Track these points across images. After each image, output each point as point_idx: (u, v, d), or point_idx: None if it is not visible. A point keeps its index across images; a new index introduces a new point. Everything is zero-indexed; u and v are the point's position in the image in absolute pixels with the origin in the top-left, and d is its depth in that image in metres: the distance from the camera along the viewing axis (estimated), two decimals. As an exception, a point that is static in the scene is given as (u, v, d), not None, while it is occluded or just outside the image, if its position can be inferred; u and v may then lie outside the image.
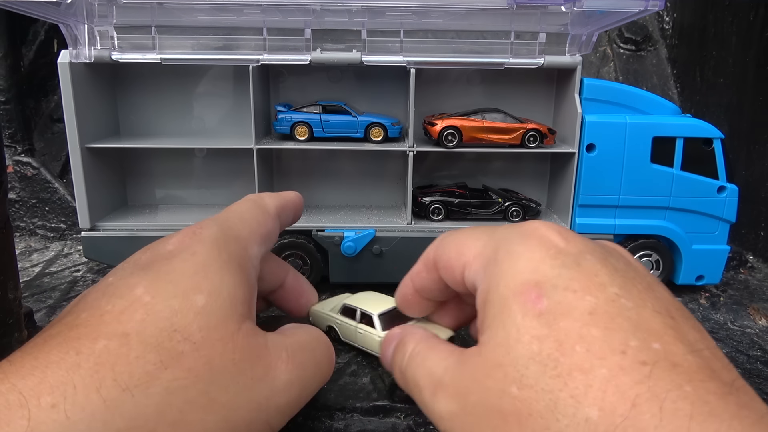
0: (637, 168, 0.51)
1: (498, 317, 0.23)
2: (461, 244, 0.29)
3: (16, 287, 0.32)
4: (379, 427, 0.33)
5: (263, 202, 0.35)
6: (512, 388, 0.21)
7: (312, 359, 0.30)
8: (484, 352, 0.23)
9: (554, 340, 0.21)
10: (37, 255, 0.63)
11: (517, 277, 0.23)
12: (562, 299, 0.22)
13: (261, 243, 0.32)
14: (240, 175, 0.59)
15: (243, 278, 0.28)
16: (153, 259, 0.27)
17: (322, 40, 0.54)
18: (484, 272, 0.26)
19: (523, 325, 0.22)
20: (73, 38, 0.48)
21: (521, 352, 0.21)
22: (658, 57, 0.83)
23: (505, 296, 0.23)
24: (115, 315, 0.23)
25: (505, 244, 0.26)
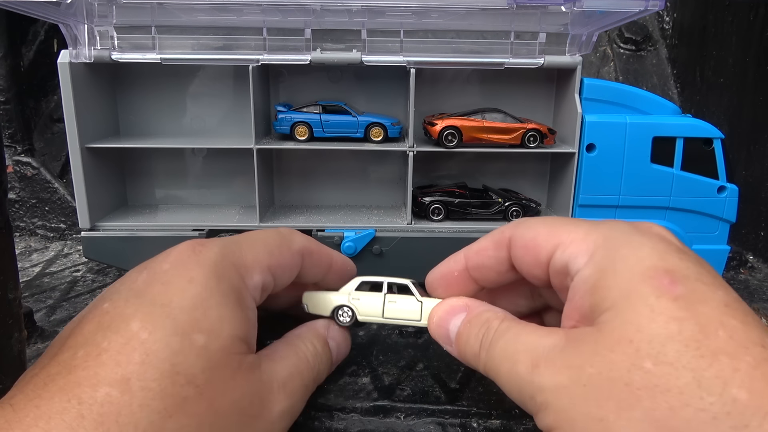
0: (637, 168, 0.51)
1: (623, 299, 0.23)
2: (554, 226, 0.29)
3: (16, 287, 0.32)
4: (379, 427, 0.33)
5: (288, 236, 0.34)
6: (646, 362, 0.21)
7: (300, 384, 0.30)
8: (607, 329, 0.23)
9: (695, 323, 0.21)
10: (37, 255, 0.63)
11: (643, 262, 0.24)
12: (697, 288, 0.23)
13: (266, 273, 0.31)
14: (240, 175, 0.59)
15: (242, 312, 0.28)
16: (149, 281, 0.26)
17: (322, 40, 0.54)
18: (592, 256, 0.26)
19: (657, 305, 0.22)
20: (73, 38, 0.48)
21: (657, 331, 0.22)
22: (658, 57, 0.83)
23: (630, 279, 0.24)
24: (112, 355, 0.23)
25: (619, 233, 0.26)
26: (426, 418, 0.34)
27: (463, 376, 0.38)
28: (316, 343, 0.33)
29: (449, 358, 0.40)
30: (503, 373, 0.27)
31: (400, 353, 0.41)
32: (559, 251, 0.28)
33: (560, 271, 0.28)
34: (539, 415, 0.25)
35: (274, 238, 0.33)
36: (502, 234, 0.31)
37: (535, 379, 0.25)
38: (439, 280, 0.34)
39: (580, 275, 0.26)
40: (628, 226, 0.27)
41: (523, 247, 0.30)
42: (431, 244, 0.53)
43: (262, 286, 0.30)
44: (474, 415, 0.34)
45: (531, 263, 0.29)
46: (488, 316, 0.30)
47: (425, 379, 0.38)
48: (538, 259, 0.29)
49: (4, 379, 0.30)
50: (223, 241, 0.30)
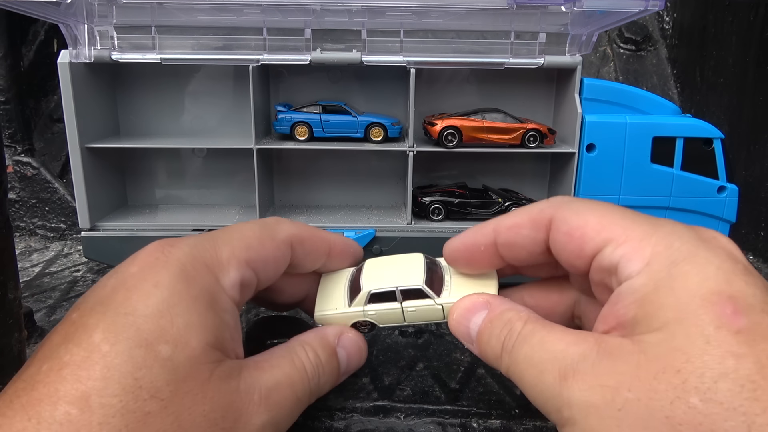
0: (637, 168, 0.51)
1: (676, 322, 0.22)
2: (607, 216, 0.26)
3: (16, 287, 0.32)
4: (379, 427, 0.33)
5: (272, 226, 0.32)
6: (692, 398, 0.20)
7: (290, 396, 0.27)
8: (652, 352, 0.21)
9: (754, 362, 0.20)
10: (37, 255, 0.63)
11: (706, 283, 0.22)
12: (762, 321, 0.21)
13: (244, 269, 0.28)
14: (240, 175, 0.59)
15: (214, 317, 0.26)
16: (115, 287, 0.25)
17: (322, 40, 0.54)
18: (649, 264, 0.24)
19: (715, 337, 0.20)
20: (73, 38, 0.48)
21: (710, 365, 0.20)
22: (658, 57, 0.83)
23: (688, 302, 0.22)
24: (73, 369, 0.22)
25: (683, 243, 0.24)
26: (426, 418, 0.34)
27: (463, 376, 0.38)
28: (321, 352, 0.30)
29: (449, 358, 0.40)
30: (528, 381, 0.25)
31: (400, 353, 0.41)
32: (609, 248, 0.25)
33: (606, 268, 0.26)
34: (564, 429, 0.23)
35: (254, 229, 0.31)
36: (542, 213, 0.28)
37: (564, 393, 0.23)
38: (462, 251, 0.31)
39: (632, 283, 0.24)
40: (694, 236, 0.24)
41: (567, 234, 0.27)
42: (431, 244, 0.53)
43: (240, 283, 0.28)
44: (474, 415, 0.34)
45: (573, 253, 0.27)
46: (510, 316, 0.27)
47: (425, 379, 0.38)
48: (583, 250, 0.26)
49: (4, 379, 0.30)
50: (196, 238, 0.28)
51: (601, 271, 0.26)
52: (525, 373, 0.25)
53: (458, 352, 0.41)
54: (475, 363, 0.40)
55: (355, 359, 0.32)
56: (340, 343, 0.31)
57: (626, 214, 0.26)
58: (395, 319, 0.33)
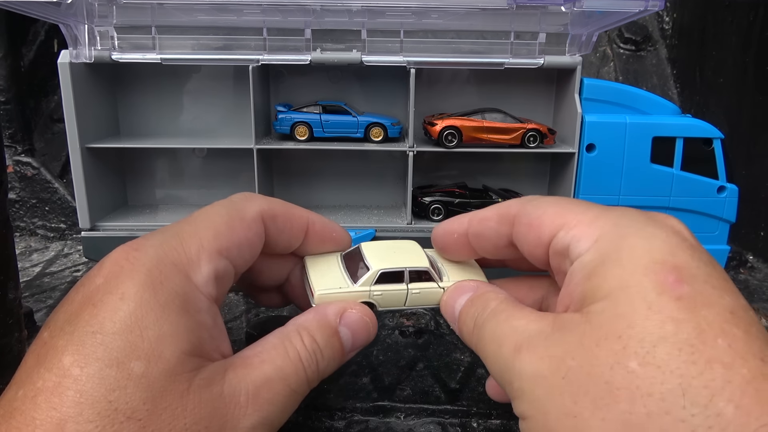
0: (637, 168, 0.51)
1: (620, 290, 0.22)
2: (563, 206, 0.28)
3: (16, 287, 0.32)
4: (379, 427, 0.33)
5: (240, 204, 0.30)
6: (631, 362, 0.20)
7: (283, 391, 0.26)
8: (596, 321, 0.22)
9: (694, 326, 0.20)
10: (37, 255, 0.63)
11: (651, 254, 0.23)
12: (703, 290, 0.21)
13: (217, 259, 0.27)
14: (240, 175, 0.59)
15: (189, 321, 0.25)
16: (82, 303, 0.24)
17: (322, 40, 0.54)
18: (597, 241, 0.25)
19: (657, 303, 0.21)
20: (73, 38, 0.48)
21: (650, 330, 0.20)
22: (658, 57, 0.83)
23: (633, 271, 0.22)
24: (46, 396, 0.21)
25: (631, 221, 0.25)
26: (426, 418, 0.34)
27: (463, 376, 0.38)
28: (318, 335, 0.28)
29: (449, 358, 0.40)
30: (489, 354, 0.26)
31: (400, 353, 0.41)
32: (562, 232, 0.26)
33: (560, 252, 0.27)
34: (515, 401, 0.24)
35: (221, 213, 0.29)
36: (509, 209, 0.30)
37: (516, 365, 0.24)
38: (441, 236, 0.34)
39: (581, 260, 0.25)
40: (642, 215, 0.25)
41: (527, 224, 0.28)
42: (431, 244, 0.53)
43: (214, 276, 0.27)
44: (474, 415, 0.34)
45: (532, 242, 0.28)
46: (489, 295, 0.29)
47: (425, 379, 0.38)
48: (540, 238, 0.28)
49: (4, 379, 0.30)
50: (162, 234, 0.27)
51: (557, 255, 0.27)
52: (487, 347, 0.26)
53: (458, 352, 0.41)
54: (475, 363, 0.40)
55: (361, 336, 0.30)
56: (343, 321, 0.30)
57: (581, 204, 0.27)
58: (397, 302, 0.33)
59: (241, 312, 0.48)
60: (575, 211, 0.27)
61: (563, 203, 0.28)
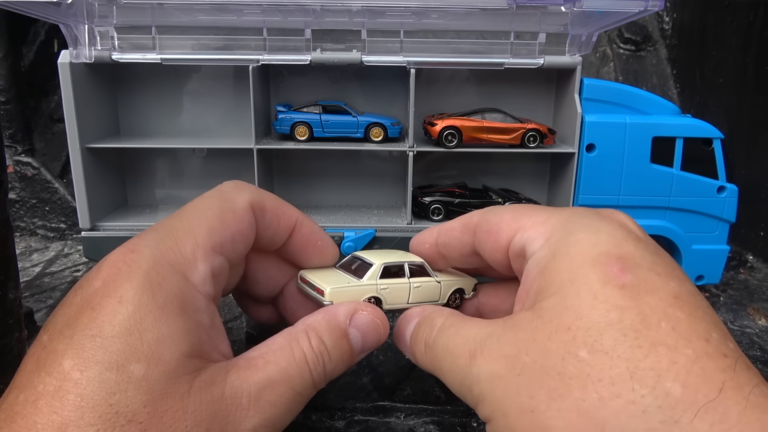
0: (637, 168, 0.51)
1: (569, 283, 0.23)
2: (519, 211, 0.29)
3: (17, 287, 0.32)
4: (379, 427, 0.33)
5: (230, 195, 0.30)
6: (581, 351, 0.21)
7: (287, 393, 0.26)
8: (547, 315, 0.23)
9: (637, 312, 0.21)
10: (37, 255, 0.63)
11: (597, 247, 0.23)
12: (647, 278, 0.22)
13: (212, 256, 0.27)
14: (240, 175, 0.59)
15: (188, 322, 0.25)
16: (81, 306, 0.24)
17: (322, 40, 0.54)
18: (548, 239, 0.26)
19: (602, 293, 0.22)
20: (73, 38, 0.49)
21: (596, 319, 0.21)
22: (658, 57, 0.83)
23: (580, 264, 0.23)
24: (48, 400, 0.21)
25: (579, 218, 0.26)
26: (426, 418, 0.34)
27: (463, 376, 0.38)
28: (327, 336, 0.28)
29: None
30: (445, 368, 0.26)
31: (400, 353, 0.41)
32: (518, 235, 0.28)
33: (518, 253, 0.28)
34: (478, 407, 0.24)
35: (212, 206, 0.29)
36: (470, 219, 0.31)
37: (473, 371, 0.24)
38: (416, 247, 0.35)
39: (534, 257, 0.26)
40: (590, 212, 0.27)
41: (487, 232, 0.30)
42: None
43: (211, 274, 0.27)
44: (474, 415, 0.34)
45: (492, 248, 0.29)
46: (434, 315, 0.29)
47: (425, 379, 0.38)
48: (499, 243, 0.29)
49: (5, 379, 0.30)
50: (157, 233, 0.27)
51: (516, 258, 0.28)
52: (442, 362, 0.26)
53: (458, 352, 0.41)
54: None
55: (371, 338, 0.30)
56: (353, 323, 0.29)
57: (535, 208, 0.29)
58: (401, 297, 0.33)
59: (241, 312, 0.48)
60: (529, 215, 0.28)
61: (519, 209, 0.29)
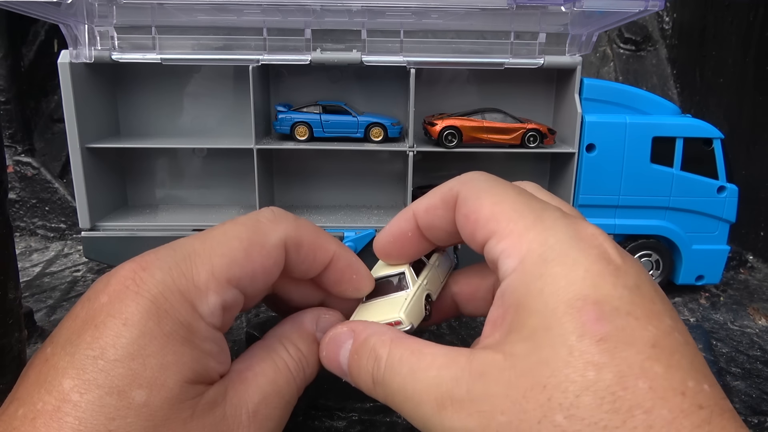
0: (637, 168, 0.51)
1: (543, 330, 0.21)
2: (498, 203, 0.26)
3: (16, 287, 0.32)
4: (379, 427, 0.33)
5: (265, 228, 0.28)
6: (557, 416, 0.19)
7: (279, 404, 0.26)
8: (520, 366, 0.21)
9: (615, 372, 0.20)
10: (37, 255, 0.63)
11: (572, 288, 0.22)
12: (625, 326, 0.21)
13: (227, 290, 0.26)
14: (240, 175, 0.59)
15: (192, 351, 0.24)
16: (85, 321, 0.23)
17: (322, 40, 0.54)
18: (522, 262, 0.24)
19: (578, 348, 0.20)
20: (73, 38, 0.48)
21: (572, 378, 0.20)
22: (658, 57, 0.83)
23: (555, 308, 0.21)
24: (45, 420, 0.21)
25: (556, 242, 0.23)
26: (426, 418, 0.34)
27: (463, 376, 0.38)
28: (300, 344, 0.28)
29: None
30: (408, 412, 0.25)
31: (400, 353, 0.41)
32: (493, 240, 0.25)
33: (491, 261, 0.26)
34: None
35: (241, 237, 0.27)
36: (451, 191, 0.28)
37: (445, 423, 0.22)
38: (392, 243, 0.31)
39: (508, 283, 0.24)
40: (571, 233, 0.24)
41: (465, 216, 0.27)
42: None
43: (221, 306, 0.26)
44: (474, 415, 0.34)
45: (468, 237, 0.27)
46: (374, 342, 0.26)
47: (425, 379, 0.38)
48: (475, 236, 0.27)
49: (4, 379, 0.30)
50: (173, 256, 0.25)
51: (489, 260, 0.26)
52: (403, 405, 0.25)
53: (458, 352, 0.41)
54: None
55: None
56: (319, 327, 0.30)
57: (517, 203, 0.26)
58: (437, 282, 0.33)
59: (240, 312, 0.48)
60: (507, 216, 0.25)
61: (498, 198, 0.26)
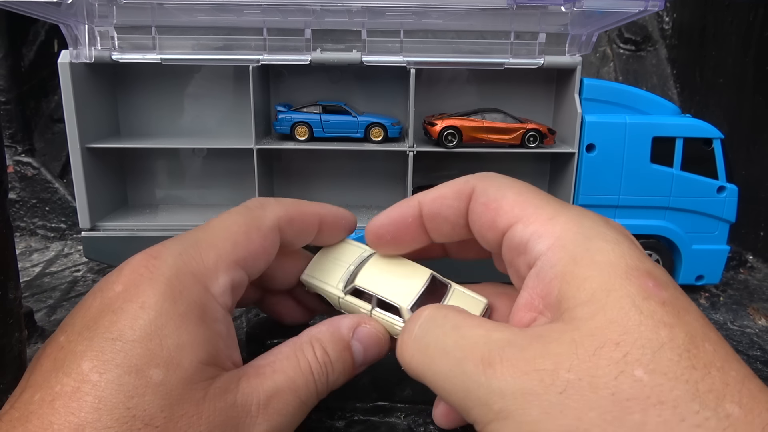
0: (636, 168, 0.51)
1: (603, 293, 0.21)
2: (522, 195, 0.27)
3: (17, 287, 0.32)
4: (379, 427, 0.33)
5: (257, 213, 0.30)
6: (637, 371, 0.19)
7: (293, 401, 0.26)
8: (586, 328, 0.21)
9: (685, 332, 0.20)
10: (37, 255, 0.63)
11: (624, 259, 0.22)
12: (678, 295, 0.22)
13: (233, 270, 0.27)
14: (240, 175, 0.59)
15: (206, 331, 0.25)
16: (101, 309, 0.24)
17: (322, 40, 0.54)
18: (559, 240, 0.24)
19: (646, 308, 0.21)
20: (73, 38, 0.49)
21: (647, 335, 0.20)
22: (658, 57, 0.83)
23: (612, 273, 0.22)
24: (65, 401, 0.21)
25: (593, 223, 0.24)
26: (426, 418, 0.34)
27: (463, 376, 0.38)
28: (331, 348, 0.28)
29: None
30: (441, 370, 0.23)
31: (400, 353, 0.41)
32: (520, 225, 0.26)
33: (516, 247, 0.26)
34: (495, 424, 0.21)
35: (239, 222, 0.29)
36: (466, 183, 0.29)
37: (493, 383, 0.21)
38: (387, 227, 0.31)
39: (546, 259, 0.24)
40: (599, 218, 0.25)
41: (484, 204, 0.28)
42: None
43: (231, 286, 0.27)
44: (474, 414, 0.34)
45: (486, 224, 0.27)
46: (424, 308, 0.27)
47: (425, 379, 0.38)
48: (496, 223, 0.27)
49: (5, 379, 0.30)
50: (181, 243, 0.27)
51: (512, 249, 0.26)
52: (437, 361, 0.23)
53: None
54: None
55: (372, 352, 0.30)
56: (356, 335, 0.30)
57: (540, 196, 0.27)
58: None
59: (241, 312, 0.48)
60: (534, 205, 0.26)
61: (522, 191, 0.27)
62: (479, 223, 0.28)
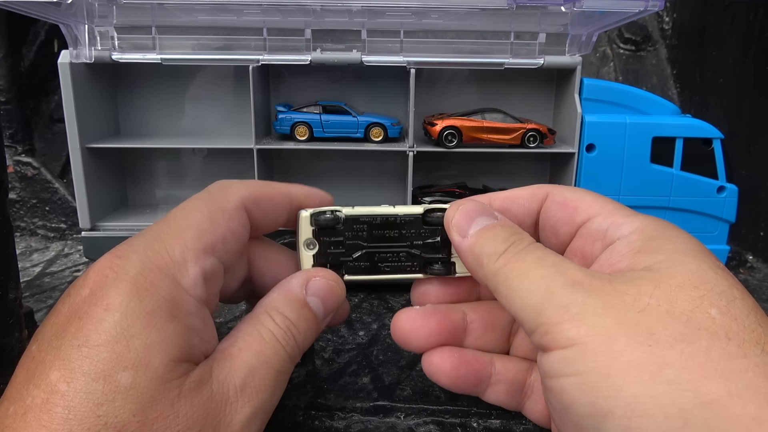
0: (636, 168, 0.51)
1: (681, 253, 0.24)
2: (599, 198, 0.30)
3: (17, 287, 0.32)
4: (379, 427, 0.33)
5: (220, 196, 0.29)
6: (712, 310, 0.21)
7: (269, 375, 0.26)
8: (667, 272, 0.23)
9: (749, 298, 0.23)
10: (37, 255, 0.63)
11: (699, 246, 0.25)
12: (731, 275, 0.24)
13: (203, 258, 0.26)
14: (240, 175, 0.59)
15: (177, 327, 0.24)
16: (69, 315, 0.23)
17: (322, 40, 0.54)
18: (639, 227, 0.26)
19: (719, 268, 0.23)
20: (73, 38, 0.49)
21: (724, 287, 0.22)
22: (658, 57, 0.83)
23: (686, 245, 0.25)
24: (36, 413, 0.21)
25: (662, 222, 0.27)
26: (426, 417, 0.34)
27: (463, 376, 0.38)
28: (289, 311, 0.28)
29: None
30: (529, 277, 0.24)
31: (400, 353, 0.41)
32: (599, 218, 0.28)
33: (592, 234, 0.28)
34: (567, 324, 0.22)
35: (200, 207, 0.28)
36: (540, 188, 0.31)
37: (576, 294, 0.23)
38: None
39: (627, 238, 0.26)
40: (668, 223, 0.28)
41: (561, 203, 0.30)
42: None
43: (203, 276, 0.26)
44: (474, 414, 0.34)
45: (562, 220, 0.30)
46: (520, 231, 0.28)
47: (425, 379, 0.38)
48: (573, 218, 0.29)
49: (4, 379, 0.31)
50: (145, 238, 0.26)
51: (587, 237, 0.29)
52: (527, 271, 0.25)
53: (458, 352, 0.41)
54: (474, 363, 0.39)
55: (331, 301, 0.30)
56: (310, 291, 0.29)
57: (614, 201, 0.30)
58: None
59: (241, 312, 0.48)
60: (612, 204, 0.29)
61: (598, 195, 0.30)
62: (554, 218, 0.30)
